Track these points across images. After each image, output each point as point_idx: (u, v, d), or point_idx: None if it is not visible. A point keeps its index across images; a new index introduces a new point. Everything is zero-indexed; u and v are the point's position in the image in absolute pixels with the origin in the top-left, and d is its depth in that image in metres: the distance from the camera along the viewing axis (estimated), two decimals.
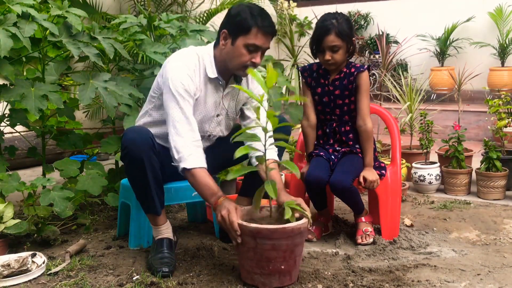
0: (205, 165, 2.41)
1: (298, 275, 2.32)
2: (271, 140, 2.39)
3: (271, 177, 2.31)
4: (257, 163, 2.39)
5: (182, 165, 2.38)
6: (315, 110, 2.89)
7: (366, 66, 2.80)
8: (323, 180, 2.70)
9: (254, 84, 2.66)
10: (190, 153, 2.39)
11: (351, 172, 2.74)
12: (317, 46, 2.77)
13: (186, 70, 2.47)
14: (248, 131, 2.25)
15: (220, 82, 2.56)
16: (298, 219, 2.27)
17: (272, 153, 2.52)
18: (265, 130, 2.17)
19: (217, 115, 2.64)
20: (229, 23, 2.46)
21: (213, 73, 2.52)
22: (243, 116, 2.73)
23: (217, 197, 2.35)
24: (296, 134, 3.20)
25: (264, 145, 2.21)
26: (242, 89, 2.30)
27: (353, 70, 2.79)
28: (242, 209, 2.34)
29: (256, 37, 2.41)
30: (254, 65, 2.44)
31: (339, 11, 2.85)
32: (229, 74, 2.57)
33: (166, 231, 2.59)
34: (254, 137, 2.19)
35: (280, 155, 2.68)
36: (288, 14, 6.30)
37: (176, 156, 2.40)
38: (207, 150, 2.66)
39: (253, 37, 2.41)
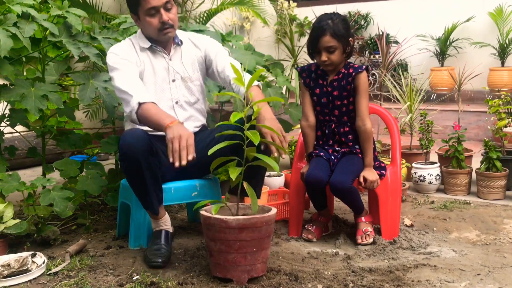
0: (153, 100, 2.58)
1: (226, 271, 2.28)
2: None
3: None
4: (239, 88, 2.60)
5: (134, 102, 2.52)
6: (314, 111, 2.89)
7: (364, 67, 2.79)
8: (323, 180, 2.70)
9: (203, 40, 2.85)
10: (135, 89, 2.56)
11: (351, 173, 2.74)
12: (313, 47, 2.77)
13: (118, 49, 2.71)
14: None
15: (159, 49, 2.74)
16: (266, 211, 2.34)
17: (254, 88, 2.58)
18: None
19: (173, 80, 2.76)
20: (128, 6, 2.73)
21: (145, 43, 2.73)
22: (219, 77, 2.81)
23: (172, 119, 2.45)
24: (296, 134, 3.20)
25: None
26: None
27: (351, 71, 2.78)
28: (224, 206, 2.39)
29: (147, 2, 2.61)
30: (165, 24, 2.63)
31: (338, 11, 2.85)
32: (163, 42, 2.74)
33: (164, 223, 2.64)
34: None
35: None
36: (288, 14, 6.29)
37: (124, 98, 2.58)
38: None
39: (144, 4, 2.62)
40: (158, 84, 2.73)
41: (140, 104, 2.53)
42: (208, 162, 2.40)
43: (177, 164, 2.31)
